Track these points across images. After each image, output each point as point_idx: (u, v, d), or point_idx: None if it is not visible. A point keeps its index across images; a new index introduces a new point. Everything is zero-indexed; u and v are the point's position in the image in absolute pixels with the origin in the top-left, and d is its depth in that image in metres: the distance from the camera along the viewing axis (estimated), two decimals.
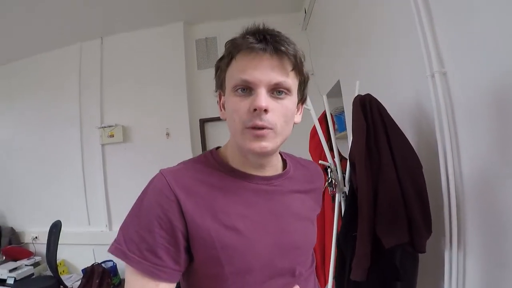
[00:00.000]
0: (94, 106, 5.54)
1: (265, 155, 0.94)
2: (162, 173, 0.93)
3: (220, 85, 0.99)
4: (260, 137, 0.87)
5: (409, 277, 1.83)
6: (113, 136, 5.36)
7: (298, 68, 0.92)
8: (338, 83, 3.79)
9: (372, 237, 1.69)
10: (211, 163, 1.01)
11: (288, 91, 0.90)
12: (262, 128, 0.86)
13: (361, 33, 2.94)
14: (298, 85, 0.96)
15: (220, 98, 1.02)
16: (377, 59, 2.63)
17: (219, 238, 0.88)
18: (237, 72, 0.89)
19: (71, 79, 5.65)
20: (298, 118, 1.02)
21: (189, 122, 5.33)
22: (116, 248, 0.87)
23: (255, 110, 0.85)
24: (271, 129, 0.87)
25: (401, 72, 2.22)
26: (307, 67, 0.98)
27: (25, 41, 5.40)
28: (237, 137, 0.91)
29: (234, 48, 0.90)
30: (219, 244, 0.88)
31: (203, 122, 5.53)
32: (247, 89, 0.88)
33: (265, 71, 0.86)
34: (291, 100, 0.93)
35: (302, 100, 1.03)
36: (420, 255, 1.86)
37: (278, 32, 0.91)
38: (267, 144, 0.88)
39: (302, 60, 0.93)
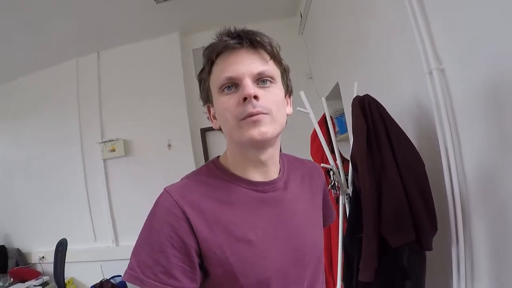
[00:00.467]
0: (94, 121, 5.53)
1: (266, 142, 0.92)
2: (167, 191, 0.91)
3: (207, 97, 1.00)
4: (257, 123, 0.86)
5: (418, 275, 1.82)
6: (115, 151, 5.36)
7: (276, 57, 0.94)
8: (337, 85, 3.80)
9: (378, 238, 1.69)
10: (214, 174, 1.00)
11: (272, 78, 0.91)
12: (257, 114, 0.86)
13: (357, 34, 2.95)
14: (281, 75, 0.97)
15: (209, 111, 1.03)
16: (374, 59, 2.64)
17: (232, 252, 0.87)
18: (219, 73, 0.90)
19: (70, 95, 5.66)
20: (289, 109, 1.02)
21: (190, 132, 5.33)
22: (130, 275, 0.84)
23: (245, 99, 0.85)
24: (266, 113, 0.87)
25: (399, 71, 2.22)
26: (305, 70, 1.00)
27: (21, 60, 5.41)
28: (234, 134, 0.90)
29: (212, 52, 0.92)
30: (233, 258, 0.87)
31: (204, 131, 5.53)
32: (233, 85, 0.89)
33: (245, 63, 0.88)
34: (278, 87, 0.93)
35: (288, 92, 1.04)
36: (427, 252, 1.85)
37: (250, 29, 0.92)
38: (265, 129, 0.87)
39: (278, 50, 0.94)
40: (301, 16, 5.08)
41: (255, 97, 0.85)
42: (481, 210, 1.62)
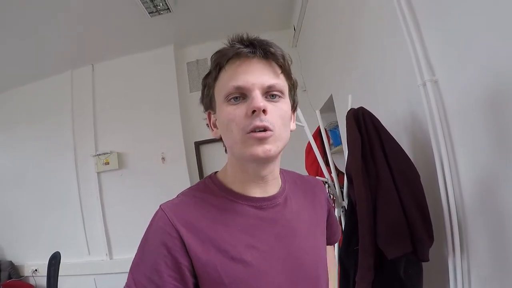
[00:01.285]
0: (88, 134, 5.53)
1: (269, 160, 0.91)
2: (162, 209, 0.90)
3: (209, 103, 0.97)
4: (263, 140, 0.84)
5: (415, 286, 1.81)
6: (108, 164, 5.35)
7: (287, 71, 0.92)
8: (330, 97, 3.81)
9: (374, 249, 1.68)
10: (211, 190, 0.98)
11: (281, 93, 0.89)
12: (264, 129, 0.84)
13: (350, 46, 2.97)
14: (289, 90, 0.95)
15: (209, 118, 1.00)
16: (367, 71, 2.65)
17: (226, 273, 0.85)
18: (228, 81, 0.87)
19: (64, 107, 5.65)
20: (293, 125, 1.00)
21: (184, 145, 5.34)
22: None
23: (253, 112, 0.83)
24: (272, 130, 0.85)
25: (393, 83, 2.24)
26: (298, 83, 0.98)
27: (15, 70, 5.42)
28: (238, 147, 0.88)
29: (222, 58, 0.89)
30: (228, 279, 0.85)
31: (198, 144, 5.54)
32: (241, 96, 0.86)
33: (256, 74, 0.86)
34: (285, 103, 0.91)
35: (294, 107, 1.01)
36: (424, 263, 1.85)
37: (264, 39, 0.91)
38: (270, 147, 0.85)
39: (290, 63, 0.93)
40: (294, 29, 5.13)
41: (264, 110, 0.83)
42: (477, 220, 1.62)
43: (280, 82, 0.89)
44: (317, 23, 4.07)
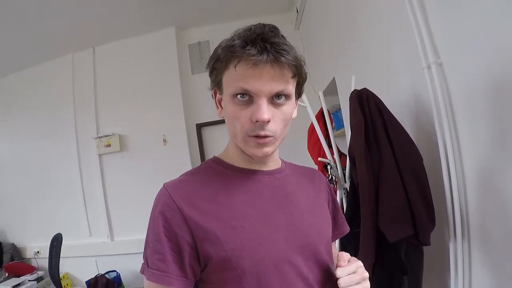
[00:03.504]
0: (89, 117, 5.52)
1: (267, 158, 1.00)
2: (164, 186, 0.95)
3: (217, 85, 0.97)
4: (262, 144, 0.90)
5: (415, 270, 1.81)
6: (110, 146, 5.34)
7: (298, 73, 0.92)
8: (333, 80, 3.78)
9: (375, 232, 1.68)
10: (212, 167, 1.03)
11: (288, 96, 0.90)
12: (264, 137, 0.88)
13: (354, 28, 2.93)
14: (296, 85, 0.95)
15: (215, 95, 1.02)
16: (371, 53, 2.62)
17: (226, 240, 0.87)
18: (236, 79, 0.87)
19: (65, 90, 5.62)
20: (294, 113, 1.01)
21: (185, 128, 5.33)
22: (141, 267, 0.92)
23: (257, 121, 0.86)
24: (273, 136, 0.89)
25: (397, 65, 2.21)
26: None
27: (15, 55, 5.38)
28: (239, 142, 0.94)
29: (233, 57, 0.87)
30: (227, 246, 0.87)
31: (199, 126, 5.53)
32: (247, 95, 0.87)
33: (266, 81, 0.85)
34: (290, 105, 0.93)
35: (299, 96, 1.03)
36: (425, 248, 1.84)
37: (277, 37, 0.88)
38: (269, 149, 0.91)
39: (302, 64, 0.93)
40: (297, 11, 5.07)
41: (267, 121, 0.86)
42: (479, 205, 1.61)
43: (289, 86, 0.90)
44: (320, 4, 4.02)
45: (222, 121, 5.05)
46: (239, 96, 0.87)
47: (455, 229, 1.71)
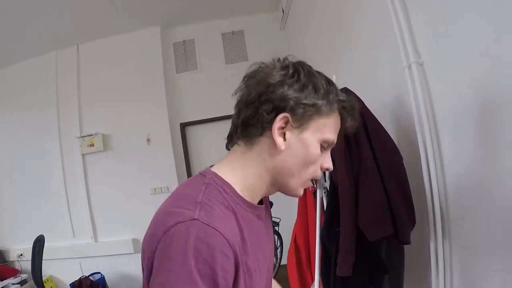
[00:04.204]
0: (73, 116, 5.44)
1: None
2: (216, 228, 0.72)
3: (301, 117, 0.85)
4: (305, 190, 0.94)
5: (396, 269, 1.82)
6: (93, 145, 5.27)
7: None
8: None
9: (355, 231, 1.67)
10: (227, 198, 0.84)
11: None
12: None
13: (338, 28, 2.94)
14: None
15: (285, 122, 0.86)
16: (355, 53, 2.64)
17: (245, 283, 0.79)
18: (333, 130, 0.89)
19: (48, 88, 5.53)
20: None
21: (169, 127, 5.31)
22: None
23: (326, 169, 0.94)
24: None
25: (380, 65, 2.23)
26: None
27: None
28: (294, 181, 0.90)
29: (343, 113, 0.91)
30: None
31: (183, 126, 5.52)
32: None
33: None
34: None
35: None
36: (406, 246, 1.85)
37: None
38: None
39: None
40: (283, 11, 5.07)
41: None
42: (460, 204, 1.63)
43: None
44: (306, 5, 4.03)
45: (206, 120, 5.01)
46: (326, 144, 0.89)
47: (436, 228, 1.73)
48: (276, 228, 4.26)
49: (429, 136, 1.71)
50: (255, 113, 0.86)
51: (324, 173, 2.16)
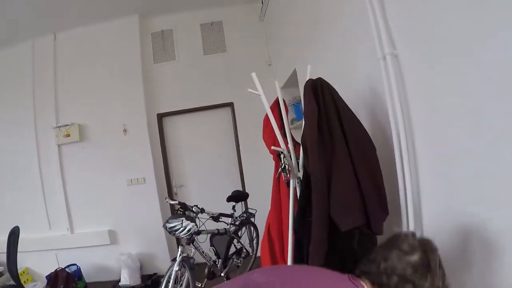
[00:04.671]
0: (49, 106, 5.34)
1: None
2: None
3: None
4: None
5: None
6: (69, 136, 5.20)
7: None
8: (294, 72, 3.81)
9: (328, 221, 1.67)
10: None
11: None
12: None
13: (316, 19, 2.94)
14: None
15: None
16: (332, 44, 2.64)
17: None
18: None
19: (24, 78, 5.42)
20: None
21: (146, 117, 5.26)
22: None
23: None
24: None
25: (355, 56, 2.24)
26: (264, 57, 0.96)
27: None
28: None
29: None
30: None
31: (160, 116, 5.49)
32: None
33: None
34: None
35: None
36: (379, 237, 1.86)
37: None
38: None
39: None
40: (262, 3, 5.06)
41: None
42: (432, 195, 1.64)
43: None
44: None
45: (184, 111, 4.98)
46: None
47: (408, 219, 1.74)
48: (252, 219, 4.26)
49: (402, 127, 1.71)
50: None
51: (298, 163, 2.17)
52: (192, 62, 5.49)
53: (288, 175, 2.15)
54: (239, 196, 4.18)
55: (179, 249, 3.32)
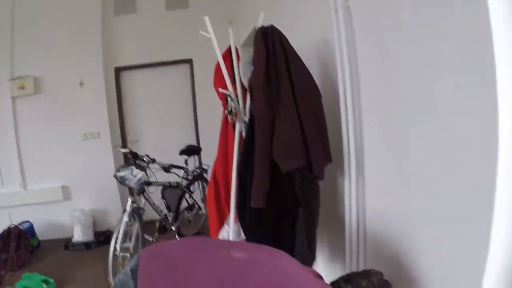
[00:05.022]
0: (3, 57, 5.09)
1: None
2: None
3: None
4: None
5: (310, 204, 1.89)
6: (24, 88, 5.03)
7: None
8: (254, 30, 3.77)
9: (269, 163, 1.72)
10: None
11: None
12: None
13: None
14: None
15: None
16: None
17: None
18: None
19: None
20: None
21: (103, 71, 5.17)
22: None
23: None
24: None
25: (308, 6, 2.29)
26: (226, 16, 0.94)
27: None
28: None
29: None
30: None
31: (118, 70, 5.41)
32: None
33: None
34: None
35: None
36: (322, 184, 1.92)
37: None
38: None
39: None
40: None
41: None
42: (373, 142, 1.70)
43: None
44: None
45: (143, 66, 4.89)
46: None
47: (350, 166, 1.80)
48: (205, 175, 4.30)
49: (349, 78, 1.76)
50: None
51: (244, 107, 2.19)
52: (153, 17, 5.37)
53: (234, 118, 2.17)
54: (191, 150, 4.25)
55: (129, 200, 3.33)
